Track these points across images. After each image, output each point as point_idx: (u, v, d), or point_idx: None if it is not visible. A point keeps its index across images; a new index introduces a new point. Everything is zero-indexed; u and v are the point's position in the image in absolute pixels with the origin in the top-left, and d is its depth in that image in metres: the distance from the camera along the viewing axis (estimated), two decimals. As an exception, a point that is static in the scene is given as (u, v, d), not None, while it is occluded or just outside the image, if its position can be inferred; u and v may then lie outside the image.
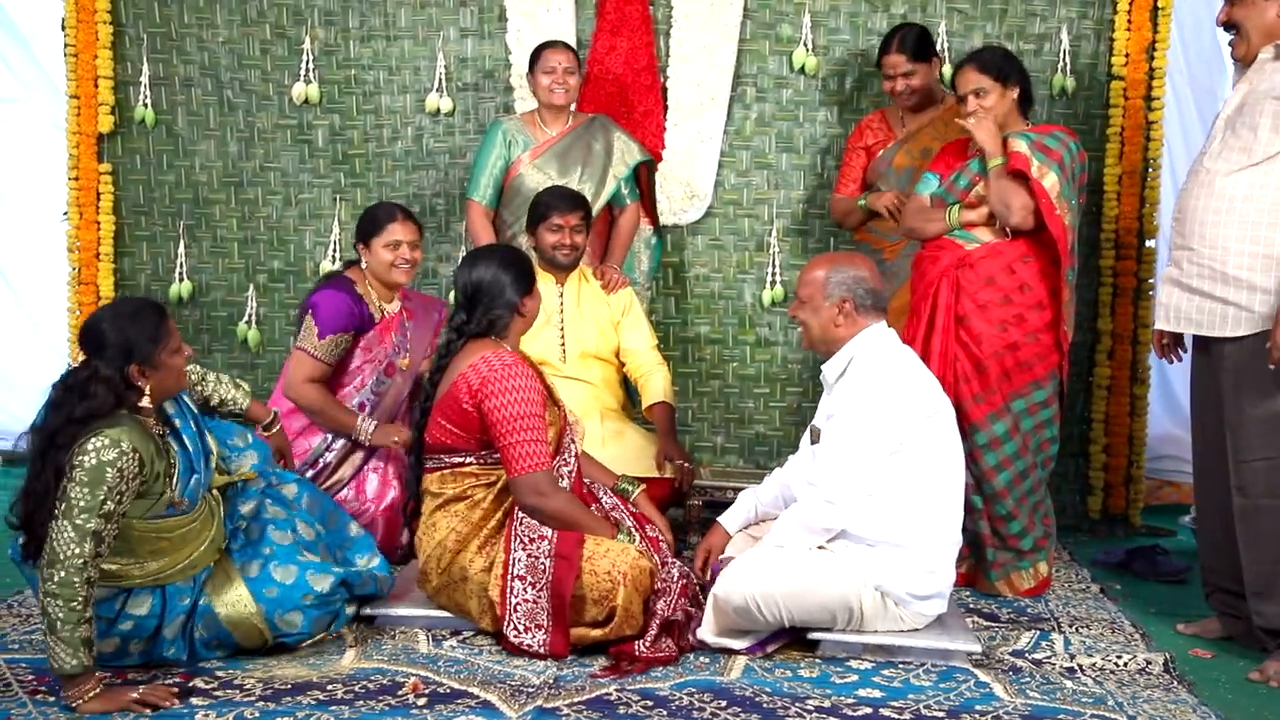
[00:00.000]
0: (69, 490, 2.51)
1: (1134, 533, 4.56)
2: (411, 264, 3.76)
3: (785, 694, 2.73)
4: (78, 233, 4.80)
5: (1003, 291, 3.59)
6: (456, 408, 3.05)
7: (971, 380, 3.59)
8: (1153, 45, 4.50)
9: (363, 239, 3.78)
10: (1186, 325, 3.22)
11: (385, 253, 3.72)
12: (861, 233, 4.37)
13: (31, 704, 2.57)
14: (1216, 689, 2.92)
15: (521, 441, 2.99)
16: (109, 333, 2.65)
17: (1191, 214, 3.17)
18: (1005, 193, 3.55)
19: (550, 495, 3.01)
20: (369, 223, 3.77)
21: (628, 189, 4.38)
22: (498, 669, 2.85)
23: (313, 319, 3.67)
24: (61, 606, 2.48)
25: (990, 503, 3.62)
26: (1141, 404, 4.59)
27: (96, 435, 2.54)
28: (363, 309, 3.73)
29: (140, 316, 2.69)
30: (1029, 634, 3.24)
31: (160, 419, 2.79)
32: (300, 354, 3.68)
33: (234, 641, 2.86)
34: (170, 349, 2.71)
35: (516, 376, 3.02)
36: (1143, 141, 4.52)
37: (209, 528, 2.88)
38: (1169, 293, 3.25)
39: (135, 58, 4.77)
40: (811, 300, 3.13)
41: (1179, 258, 3.22)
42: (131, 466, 2.56)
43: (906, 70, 4.11)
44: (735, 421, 4.81)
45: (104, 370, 2.61)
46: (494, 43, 4.73)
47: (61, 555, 2.49)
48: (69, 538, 2.49)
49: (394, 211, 3.77)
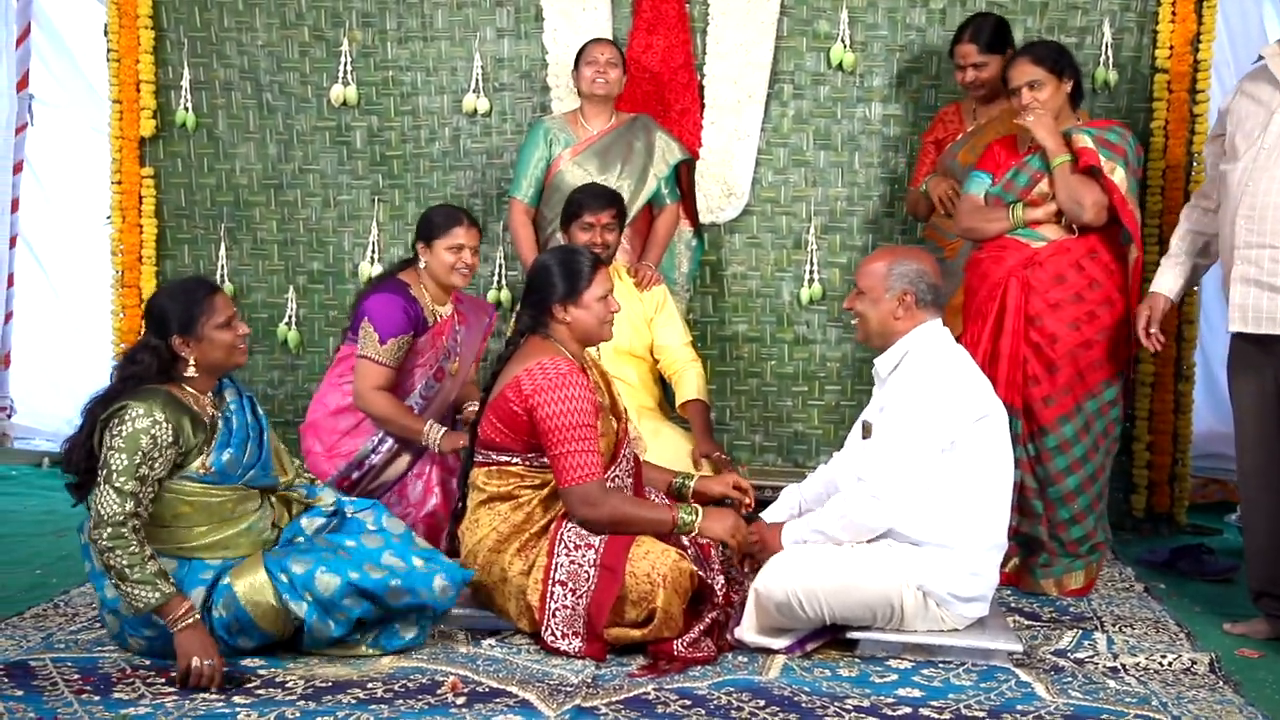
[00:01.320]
0: (109, 458, 2.72)
1: (1179, 531, 4.51)
2: (471, 268, 3.74)
3: (824, 693, 2.72)
4: (120, 236, 4.86)
5: (1074, 289, 3.56)
6: (507, 409, 3.05)
7: (1042, 382, 3.55)
8: (1197, 37, 4.44)
9: (424, 239, 3.74)
10: (1269, 325, 3.14)
11: (447, 255, 3.70)
12: (928, 229, 4.34)
13: (78, 703, 2.60)
14: (1263, 689, 2.87)
15: (572, 452, 2.98)
16: (157, 304, 2.89)
17: (1268, 210, 3.10)
18: (1076, 190, 3.51)
19: (601, 505, 3.00)
20: (433, 223, 3.74)
21: (668, 189, 4.38)
22: (536, 668, 2.86)
23: (371, 325, 3.63)
24: (121, 554, 2.68)
25: (1054, 507, 3.58)
26: (1186, 401, 4.53)
27: (133, 405, 2.74)
28: (418, 310, 3.71)
29: (187, 290, 2.90)
30: (1071, 633, 3.20)
31: (216, 402, 2.94)
32: (365, 363, 3.63)
33: (253, 623, 2.83)
34: (215, 323, 2.86)
35: (569, 386, 3.00)
36: (1187, 135, 4.46)
37: (247, 517, 2.93)
38: (1245, 293, 3.16)
39: (176, 62, 4.82)
40: (872, 291, 3.10)
41: (1258, 257, 3.13)
42: (166, 436, 2.76)
43: (977, 61, 4.07)
44: (773, 420, 4.79)
45: (151, 340, 2.85)
46: (530, 43, 4.74)
47: (105, 515, 2.70)
48: (110, 499, 2.70)
49: (460, 215, 3.75)
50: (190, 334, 2.84)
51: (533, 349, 3.12)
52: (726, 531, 3.11)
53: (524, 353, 3.13)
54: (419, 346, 3.72)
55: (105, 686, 2.69)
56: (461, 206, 3.97)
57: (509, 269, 4.77)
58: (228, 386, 3.01)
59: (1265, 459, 3.18)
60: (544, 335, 3.17)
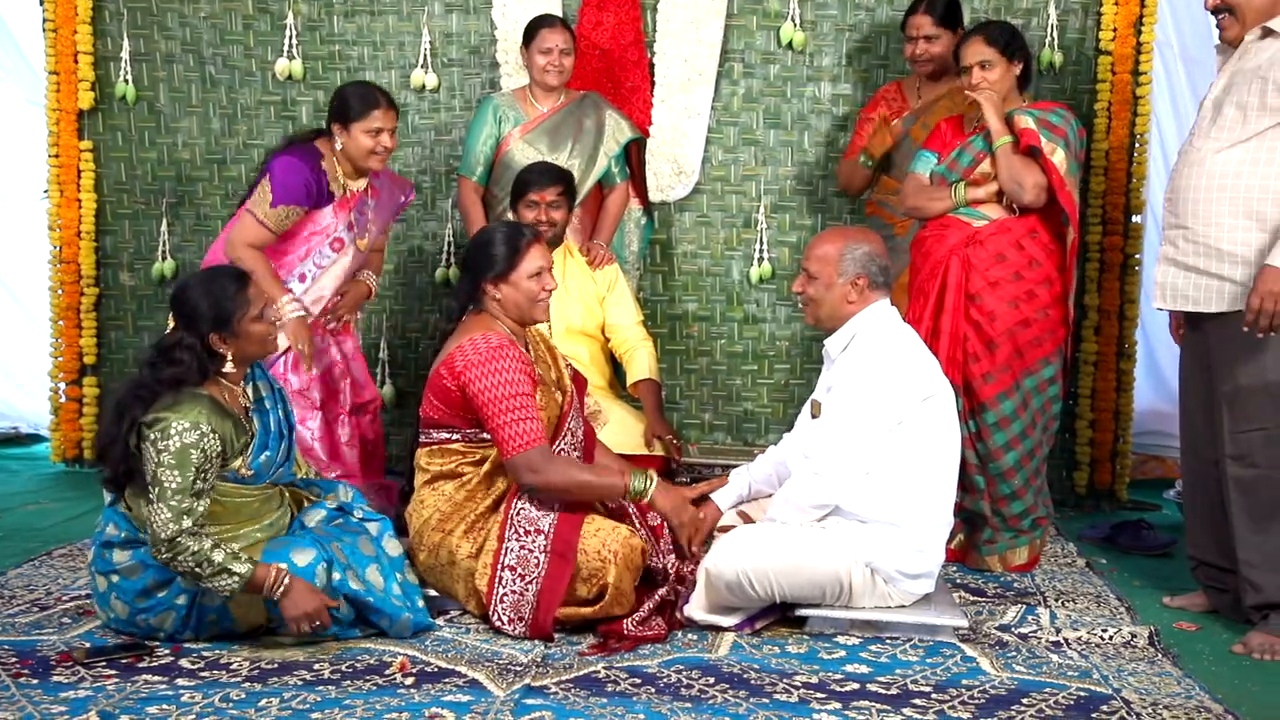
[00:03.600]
0: (159, 475, 2.68)
1: (1120, 507, 4.58)
2: (388, 150, 3.65)
3: (773, 670, 2.73)
4: (58, 211, 4.76)
5: (1013, 268, 3.59)
6: (442, 386, 3.05)
7: (982, 359, 3.59)
8: (1140, 20, 4.49)
9: (340, 120, 3.63)
10: (1183, 303, 3.21)
11: (365, 139, 3.60)
12: (872, 206, 4.35)
13: (15, 687, 2.55)
14: (1200, 661, 2.93)
15: (509, 423, 2.96)
16: (191, 302, 2.82)
17: (1184, 193, 3.17)
18: (1017, 170, 3.54)
19: (545, 470, 2.97)
20: (348, 106, 3.62)
21: (618, 168, 4.35)
22: (485, 648, 2.85)
23: (269, 185, 3.53)
24: (186, 559, 2.67)
25: (995, 482, 3.62)
26: (1128, 379, 4.60)
27: (176, 418, 2.69)
28: (323, 183, 3.61)
29: (219, 284, 2.84)
30: (1015, 608, 3.25)
31: (248, 392, 2.93)
32: (248, 217, 3.55)
33: (232, 619, 2.83)
34: (250, 317, 2.83)
35: (498, 359, 2.99)
36: (1130, 117, 4.51)
37: (270, 514, 2.93)
38: (1164, 271, 3.23)
39: (115, 33, 4.72)
40: (824, 276, 3.09)
41: (1174, 236, 3.21)
42: (214, 446, 2.73)
43: (930, 34, 4.07)
44: (723, 399, 4.80)
45: (188, 339, 2.79)
46: (479, 18, 4.69)
47: (162, 534, 2.67)
48: (166, 518, 2.67)
49: (376, 97, 3.63)
50: (227, 330, 2.81)
51: (469, 325, 3.12)
52: (674, 508, 3.10)
53: (460, 329, 3.13)
54: (317, 217, 3.65)
55: (44, 670, 2.65)
56: (376, 85, 3.81)
57: (459, 246, 4.73)
58: (260, 379, 2.98)
59: (1200, 429, 3.26)
60: (479, 311, 3.16)
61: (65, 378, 4.83)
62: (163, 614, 2.81)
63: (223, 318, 2.80)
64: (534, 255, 3.14)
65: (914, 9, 4.13)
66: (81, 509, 4.24)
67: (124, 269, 4.82)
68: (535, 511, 2.99)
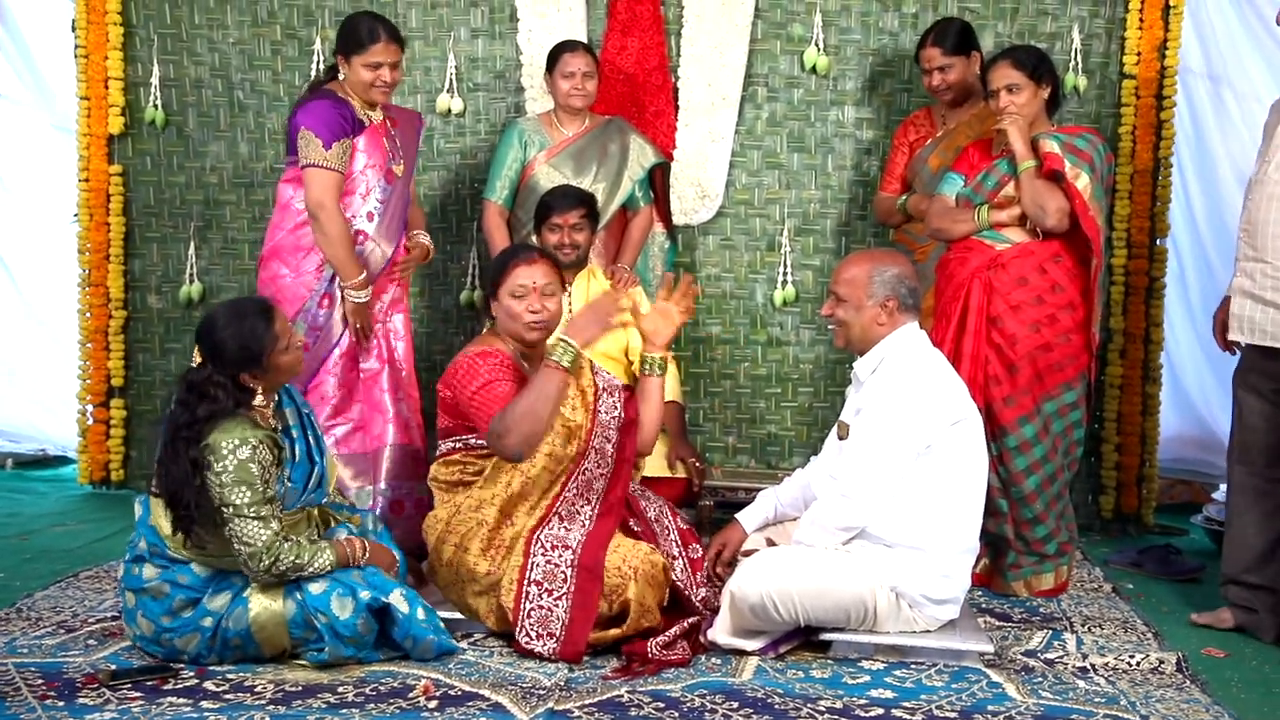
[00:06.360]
0: (228, 495, 2.74)
1: (1146, 532, 4.55)
2: (391, 84, 3.65)
3: (797, 695, 2.72)
4: (88, 234, 4.81)
5: (1035, 292, 3.58)
6: (440, 394, 3.15)
7: (1003, 382, 3.57)
8: (1164, 44, 4.49)
9: (343, 51, 3.63)
10: (1261, 337, 3.23)
11: (365, 72, 3.59)
12: (898, 233, 4.36)
13: (41, 709, 2.57)
14: (1229, 688, 2.90)
15: (480, 405, 3.00)
16: (217, 341, 2.83)
17: (1263, 226, 3.18)
18: (1040, 194, 3.54)
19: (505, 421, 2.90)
20: (350, 37, 3.61)
21: (642, 192, 4.37)
22: (509, 671, 2.85)
23: (311, 133, 3.50)
24: (286, 561, 2.77)
25: (1017, 506, 3.60)
26: (1154, 403, 4.58)
27: (224, 439, 2.75)
28: (350, 111, 3.60)
29: (245, 322, 2.84)
30: (1041, 634, 3.23)
31: (277, 414, 2.97)
32: (313, 170, 3.49)
33: (255, 644, 2.83)
34: (279, 350, 2.86)
35: (483, 366, 3.06)
36: (1154, 140, 4.50)
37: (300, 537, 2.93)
38: (1242, 304, 3.26)
39: (145, 59, 4.78)
40: (853, 299, 3.09)
41: (1251, 270, 3.22)
42: (267, 456, 2.79)
43: (942, 64, 4.08)
44: (747, 422, 4.80)
45: (217, 375, 2.81)
46: (505, 43, 4.73)
47: (256, 545, 2.75)
48: (254, 530, 2.75)
49: (378, 30, 3.60)
50: (257, 368, 2.84)
51: (477, 340, 3.20)
52: (591, 304, 3.09)
53: (475, 341, 3.22)
54: (364, 148, 3.63)
55: (70, 692, 2.66)
56: (382, 16, 3.77)
57: (483, 270, 4.75)
58: (287, 405, 3.01)
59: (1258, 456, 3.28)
60: (491, 329, 3.25)
61: (93, 400, 4.87)
62: (188, 636, 2.83)
63: (252, 359, 2.83)
64: (519, 274, 3.12)
65: (924, 43, 4.15)
66: (108, 531, 4.27)
67: (152, 292, 4.87)
68: (562, 530, 3.00)
